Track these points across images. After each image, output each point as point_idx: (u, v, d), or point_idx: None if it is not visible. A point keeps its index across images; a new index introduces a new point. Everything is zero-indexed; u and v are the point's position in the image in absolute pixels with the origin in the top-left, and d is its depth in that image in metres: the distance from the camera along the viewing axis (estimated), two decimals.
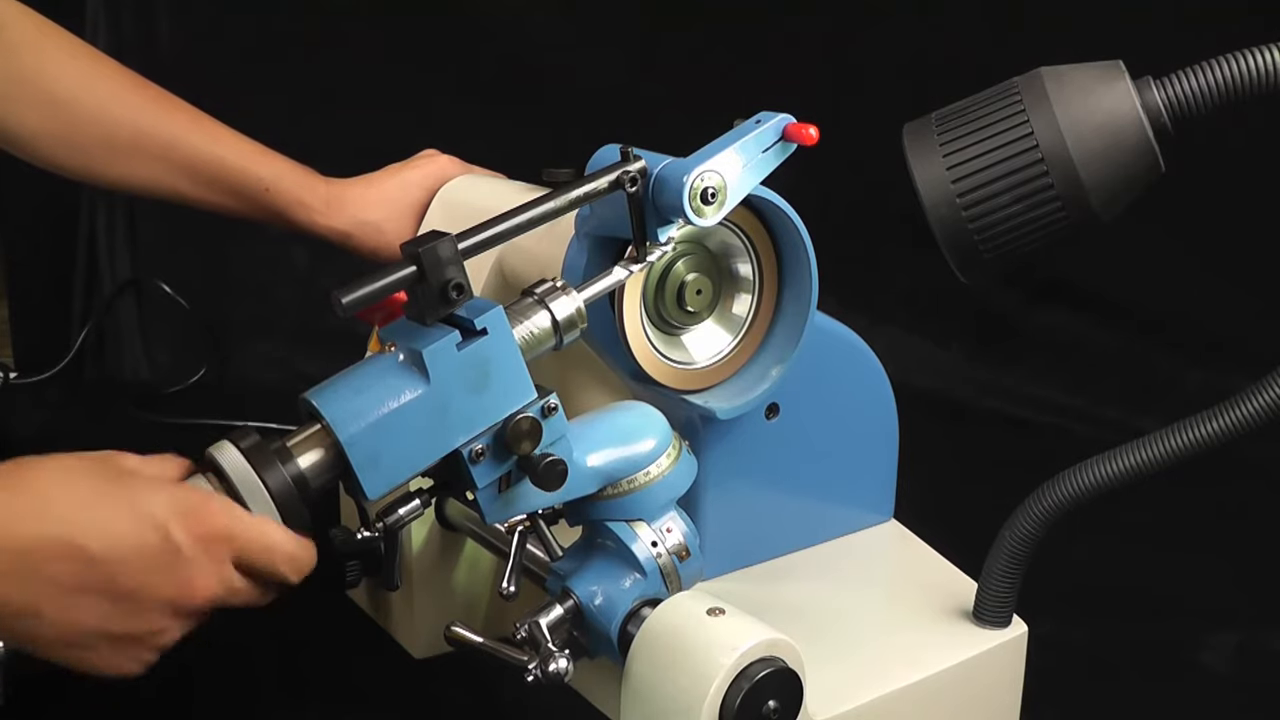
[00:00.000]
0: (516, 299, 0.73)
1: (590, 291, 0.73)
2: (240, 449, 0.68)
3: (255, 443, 0.68)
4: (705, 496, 0.86)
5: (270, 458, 0.67)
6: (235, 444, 0.68)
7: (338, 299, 0.64)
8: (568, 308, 0.72)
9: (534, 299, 0.72)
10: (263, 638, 0.72)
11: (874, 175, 1.22)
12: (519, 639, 0.75)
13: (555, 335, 0.72)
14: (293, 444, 0.69)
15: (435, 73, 1.64)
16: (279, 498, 0.67)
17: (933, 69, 1.51)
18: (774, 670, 0.69)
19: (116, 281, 1.67)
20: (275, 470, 0.67)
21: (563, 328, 0.72)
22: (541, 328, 0.72)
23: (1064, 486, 0.78)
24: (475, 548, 0.98)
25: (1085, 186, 0.67)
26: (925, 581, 0.90)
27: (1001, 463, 1.37)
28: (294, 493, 0.68)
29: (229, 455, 0.68)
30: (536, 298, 0.72)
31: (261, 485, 0.67)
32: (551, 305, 0.72)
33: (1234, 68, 0.66)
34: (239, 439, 0.68)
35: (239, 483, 0.67)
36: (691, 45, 1.63)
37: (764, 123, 0.74)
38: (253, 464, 0.67)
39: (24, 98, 0.99)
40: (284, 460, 0.68)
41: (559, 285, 0.73)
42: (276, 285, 1.68)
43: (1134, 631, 1.06)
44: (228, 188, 1.04)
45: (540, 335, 0.72)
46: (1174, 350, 1.56)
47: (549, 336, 0.72)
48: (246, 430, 0.69)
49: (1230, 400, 0.72)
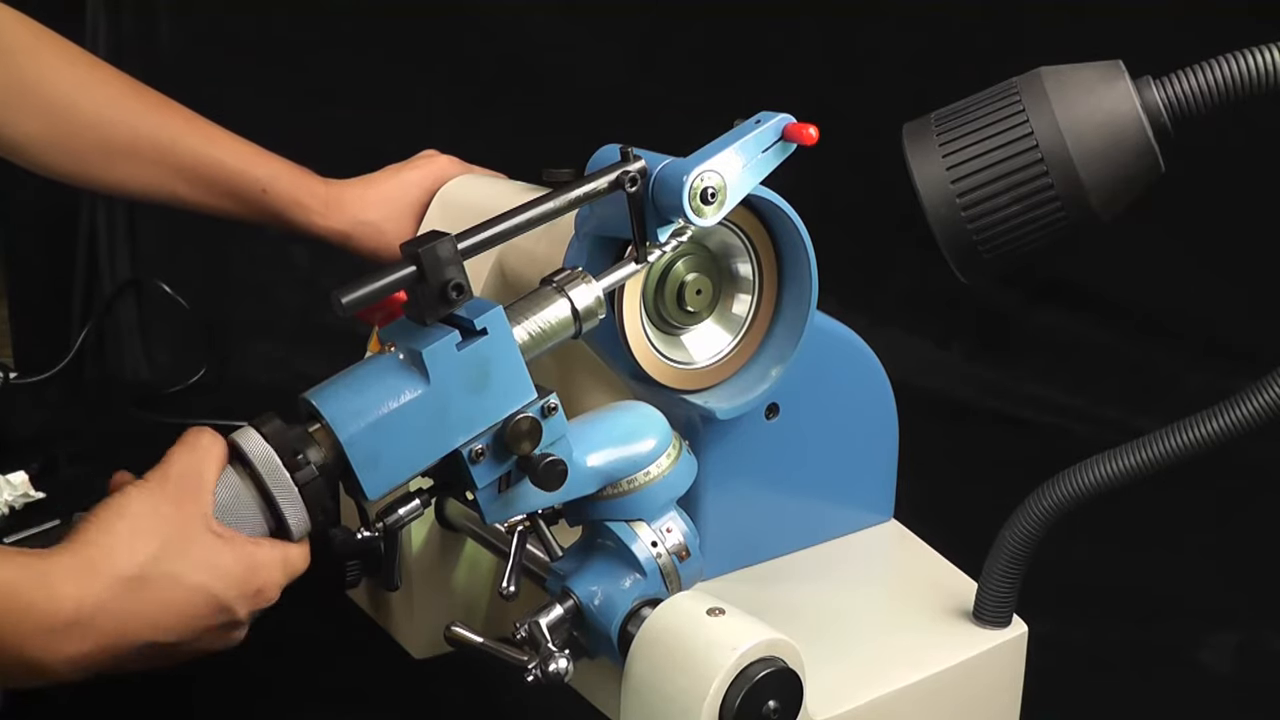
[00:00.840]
0: (536, 288, 0.73)
1: (609, 280, 0.74)
2: (264, 435, 0.68)
3: (278, 428, 0.69)
4: (705, 496, 0.86)
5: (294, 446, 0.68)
6: (259, 430, 0.69)
7: (337, 299, 0.64)
8: (587, 296, 0.72)
9: (553, 286, 0.73)
10: (263, 638, 0.72)
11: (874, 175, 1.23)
12: (519, 639, 0.75)
13: (575, 324, 0.73)
14: (315, 429, 0.69)
15: (435, 73, 1.64)
16: (304, 487, 0.68)
17: (933, 69, 1.51)
18: (774, 670, 0.69)
19: (116, 281, 1.67)
20: (304, 466, 0.68)
21: (583, 316, 0.72)
22: (561, 316, 0.72)
23: (1064, 486, 0.78)
24: (475, 548, 0.98)
25: (1085, 186, 0.67)
26: (925, 581, 0.90)
27: (1001, 463, 1.36)
28: (319, 481, 0.69)
29: (254, 443, 0.68)
30: (555, 285, 0.73)
31: (287, 475, 0.68)
32: (571, 293, 0.72)
33: (1234, 68, 0.66)
34: (262, 424, 0.69)
35: (265, 473, 0.68)
36: (691, 45, 1.63)
37: (764, 123, 0.74)
38: (278, 451, 0.68)
39: (21, 104, 0.99)
40: (307, 447, 0.68)
41: (579, 272, 0.73)
42: (276, 285, 1.68)
43: (1134, 631, 1.06)
44: (225, 190, 1.04)
45: (559, 324, 0.72)
46: (1174, 350, 1.56)
47: (569, 325, 0.72)
48: (269, 415, 0.69)
49: (1230, 400, 0.72)
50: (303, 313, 1.67)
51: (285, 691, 0.95)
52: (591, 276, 0.73)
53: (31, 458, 1.28)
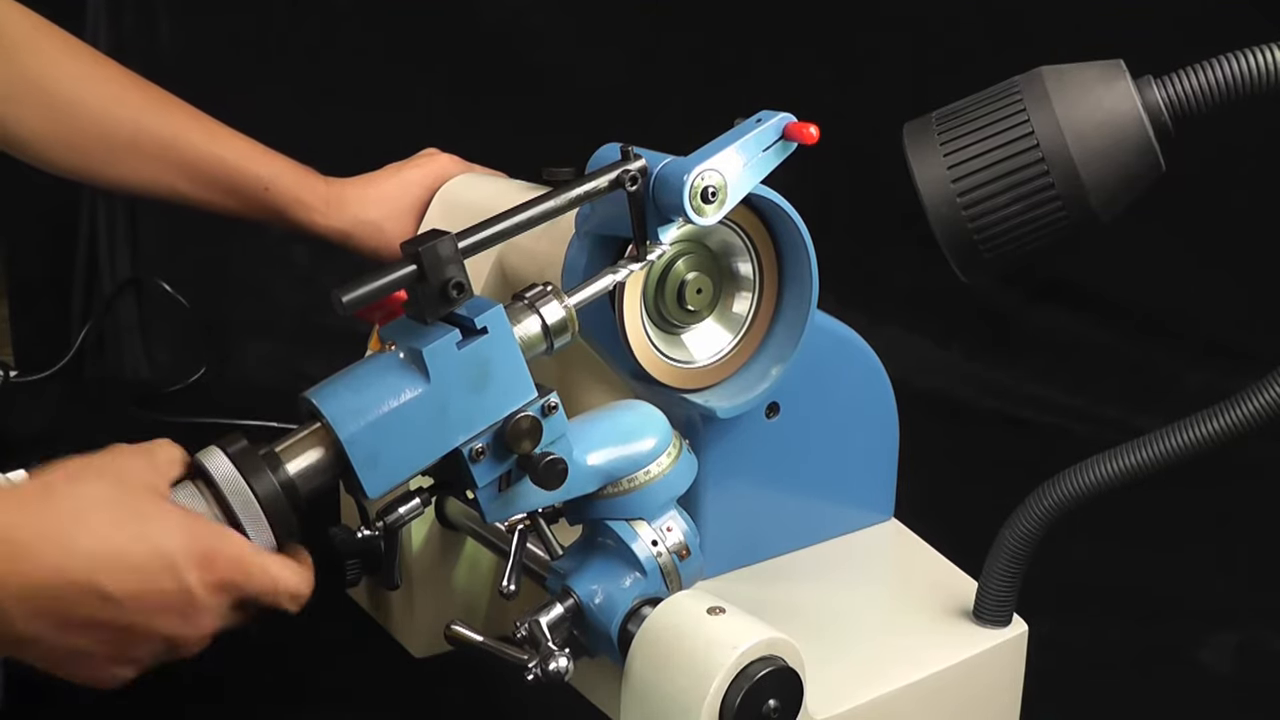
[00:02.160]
0: (508, 303, 0.73)
1: (580, 296, 0.73)
2: (229, 455, 0.67)
3: (244, 448, 0.67)
4: (705, 495, 0.86)
5: (259, 464, 0.67)
6: (224, 450, 0.67)
7: (338, 298, 0.64)
8: (557, 312, 0.72)
9: (524, 303, 0.72)
10: (261, 637, 0.72)
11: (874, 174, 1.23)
12: (519, 638, 0.75)
13: (545, 340, 0.72)
14: (283, 448, 0.68)
15: (435, 72, 1.64)
16: (268, 506, 0.67)
17: (933, 68, 1.51)
18: (774, 669, 0.69)
19: (117, 280, 1.67)
20: (264, 478, 0.67)
21: (553, 332, 0.72)
22: (532, 332, 0.72)
23: (1064, 486, 0.78)
24: (475, 547, 0.98)
25: (1086, 186, 0.67)
26: (925, 581, 0.90)
27: (1001, 463, 1.37)
28: (284, 501, 0.67)
29: (218, 463, 0.67)
30: (526, 302, 0.72)
31: (251, 494, 0.67)
32: (542, 310, 0.72)
33: (1234, 67, 0.66)
34: (228, 444, 0.67)
35: (229, 492, 0.67)
36: (691, 45, 1.63)
37: (764, 121, 0.74)
38: (242, 471, 0.67)
39: (23, 99, 0.99)
40: (273, 467, 0.67)
41: (549, 289, 0.72)
42: (277, 284, 1.68)
43: (1134, 631, 1.06)
44: (227, 187, 1.04)
45: (530, 340, 0.72)
46: (1174, 350, 1.56)
47: (540, 341, 0.72)
48: (235, 435, 0.68)
49: (1230, 400, 0.72)
50: (303, 312, 1.67)
51: (285, 691, 0.95)
52: (563, 293, 0.73)
53: (32, 456, 1.26)
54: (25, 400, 1.56)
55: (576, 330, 0.73)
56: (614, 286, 0.75)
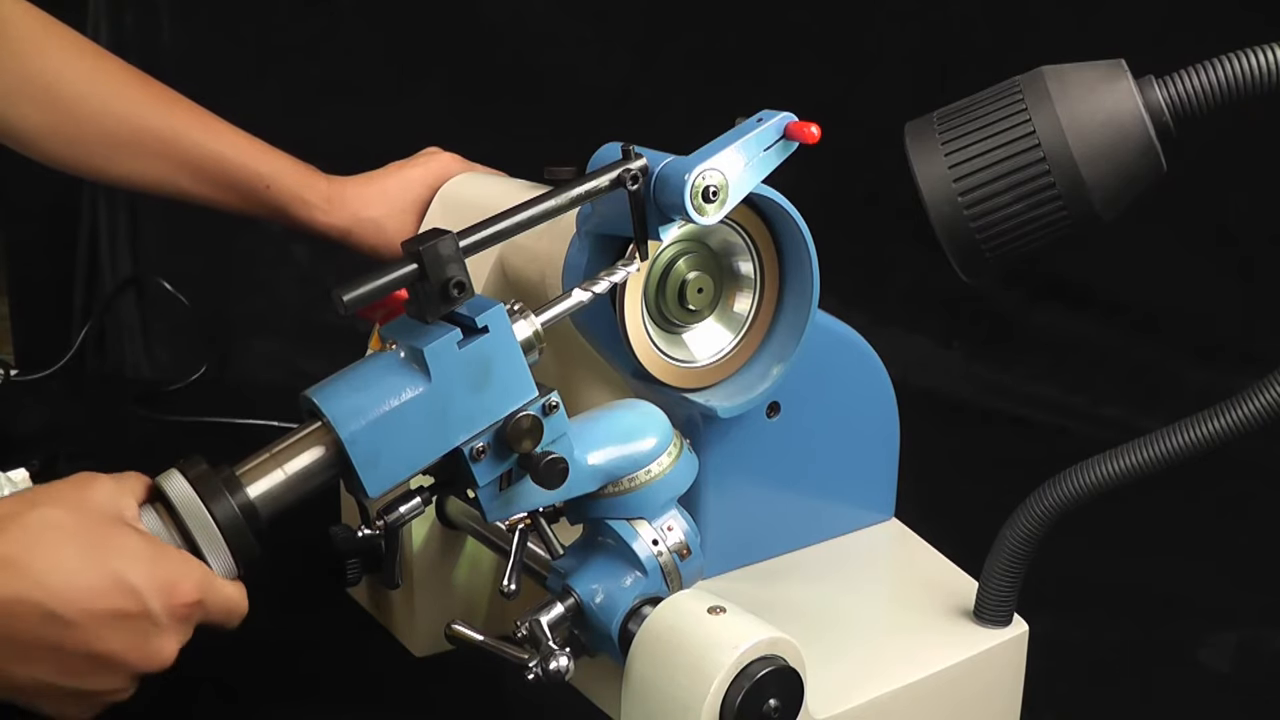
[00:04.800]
0: None
1: (547, 315, 0.73)
2: (188, 479, 0.67)
3: (203, 472, 0.67)
4: (706, 495, 0.86)
5: (219, 489, 0.67)
6: (183, 474, 0.67)
7: (339, 297, 0.64)
8: (525, 331, 0.72)
9: None
10: (262, 636, 0.72)
11: (876, 174, 1.23)
12: (520, 637, 0.76)
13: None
14: (244, 470, 0.68)
15: (436, 71, 1.64)
16: (226, 530, 0.67)
17: (934, 67, 1.51)
18: (775, 669, 0.69)
19: (117, 278, 1.67)
20: (223, 502, 0.67)
21: (522, 349, 0.72)
22: None
23: (1064, 486, 0.78)
24: (476, 546, 0.98)
25: (1087, 185, 0.67)
26: (926, 580, 0.90)
27: (1001, 462, 1.36)
28: (242, 525, 0.67)
29: (177, 486, 0.67)
30: None
31: (209, 518, 0.67)
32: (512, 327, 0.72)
33: (1235, 67, 0.66)
34: (187, 468, 0.68)
35: (186, 516, 0.67)
36: (691, 45, 1.63)
37: (765, 121, 0.74)
38: (200, 495, 0.67)
39: (27, 95, 0.99)
40: (233, 490, 0.67)
41: (517, 308, 0.72)
42: (277, 283, 1.68)
43: (1134, 631, 1.06)
44: (228, 184, 1.05)
45: None
46: (1174, 350, 1.56)
47: None
48: (196, 458, 0.68)
49: (1230, 400, 0.72)
50: (303, 310, 1.66)
51: (285, 690, 0.95)
52: (531, 312, 0.72)
53: (32, 455, 1.27)
54: (26, 398, 1.56)
55: (544, 347, 0.73)
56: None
